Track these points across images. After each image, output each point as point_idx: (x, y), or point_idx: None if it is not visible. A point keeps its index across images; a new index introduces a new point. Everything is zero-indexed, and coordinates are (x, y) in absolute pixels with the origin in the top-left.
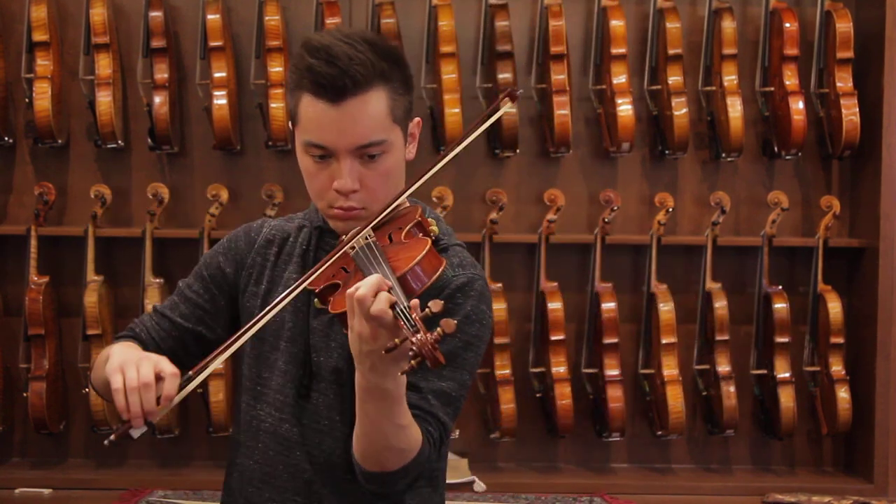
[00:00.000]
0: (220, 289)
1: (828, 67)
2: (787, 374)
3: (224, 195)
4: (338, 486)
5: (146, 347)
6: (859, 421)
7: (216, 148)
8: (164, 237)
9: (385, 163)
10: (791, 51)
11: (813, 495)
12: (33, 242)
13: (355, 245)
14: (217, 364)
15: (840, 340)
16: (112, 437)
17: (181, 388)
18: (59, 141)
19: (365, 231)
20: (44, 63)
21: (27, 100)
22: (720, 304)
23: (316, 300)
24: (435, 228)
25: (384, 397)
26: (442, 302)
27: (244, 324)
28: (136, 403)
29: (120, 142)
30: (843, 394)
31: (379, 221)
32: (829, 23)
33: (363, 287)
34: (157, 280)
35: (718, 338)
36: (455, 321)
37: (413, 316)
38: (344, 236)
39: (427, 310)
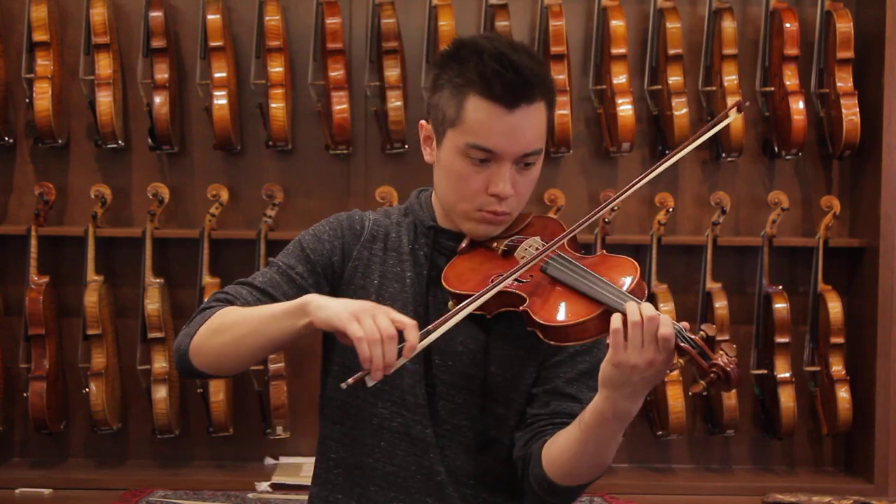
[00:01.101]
0: (326, 276)
1: (828, 67)
2: (788, 374)
3: (224, 195)
4: (463, 492)
5: None
6: (859, 421)
7: (216, 148)
8: (164, 237)
9: (533, 172)
10: (791, 51)
11: (813, 495)
12: (33, 242)
13: (554, 264)
14: (454, 322)
15: (840, 340)
16: (350, 380)
17: (421, 339)
18: (60, 141)
19: (554, 245)
20: (44, 63)
21: (27, 100)
22: (720, 304)
23: (451, 302)
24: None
25: (625, 419)
26: (715, 326)
27: None
28: (380, 357)
29: (120, 142)
30: (843, 394)
31: (564, 236)
32: (829, 23)
33: (650, 312)
34: (158, 280)
35: (719, 338)
36: (735, 346)
37: (695, 339)
38: (510, 244)
39: (702, 332)
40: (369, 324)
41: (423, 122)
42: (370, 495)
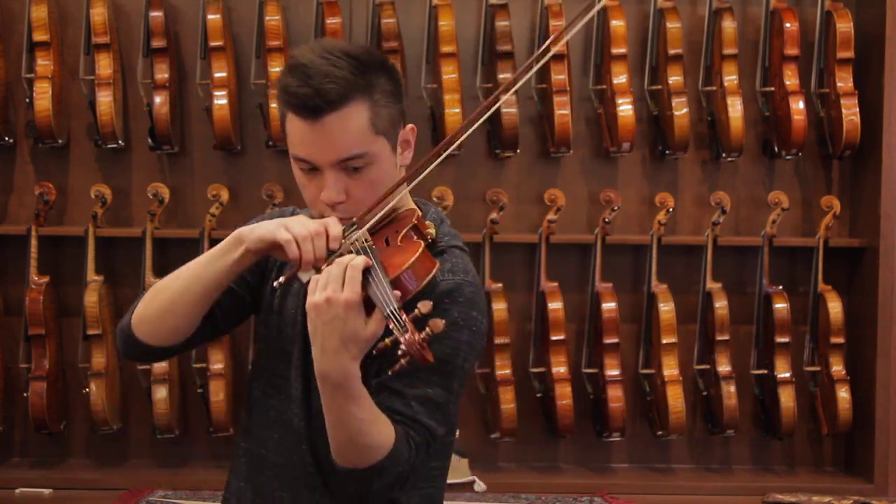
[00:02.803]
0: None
1: (828, 67)
2: (788, 374)
3: (224, 195)
4: (331, 483)
5: None
6: (859, 421)
7: (216, 148)
8: (164, 237)
9: (370, 174)
10: (791, 51)
11: (813, 495)
12: (34, 242)
13: (351, 248)
14: (392, 203)
15: (840, 340)
16: (282, 279)
17: (345, 235)
18: (60, 141)
19: (360, 233)
20: (44, 63)
21: (27, 100)
22: (720, 304)
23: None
24: (432, 231)
25: (338, 388)
26: (431, 303)
27: (262, 309)
28: (310, 251)
29: (120, 142)
30: (843, 394)
31: (374, 226)
32: (829, 23)
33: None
34: (158, 280)
35: (719, 338)
36: (444, 321)
37: (403, 316)
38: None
39: (416, 310)
40: (297, 227)
41: None
42: (262, 484)
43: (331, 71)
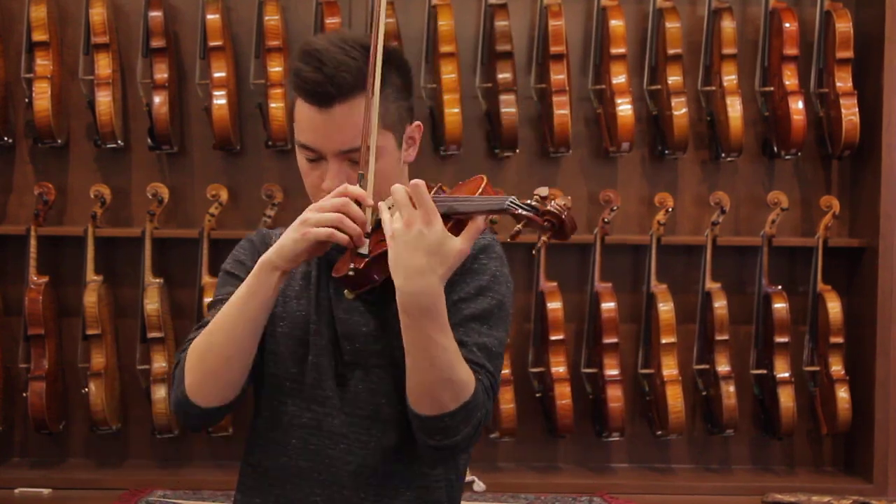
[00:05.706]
0: None
1: (827, 67)
2: (787, 374)
3: (224, 195)
4: (387, 469)
5: None
6: (859, 421)
7: (216, 148)
8: (163, 237)
9: (377, 165)
10: (791, 51)
11: (813, 495)
12: (33, 242)
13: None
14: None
15: (840, 340)
16: (350, 270)
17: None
18: (59, 141)
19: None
20: (44, 63)
21: (27, 100)
22: (720, 304)
23: (346, 291)
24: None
25: (426, 314)
26: (547, 188)
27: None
28: (351, 225)
29: (120, 142)
30: (842, 394)
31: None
32: (828, 23)
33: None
34: (157, 280)
35: (718, 338)
36: (568, 197)
37: (528, 202)
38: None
39: (535, 196)
40: (319, 216)
41: None
42: (288, 494)
43: (345, 60)
